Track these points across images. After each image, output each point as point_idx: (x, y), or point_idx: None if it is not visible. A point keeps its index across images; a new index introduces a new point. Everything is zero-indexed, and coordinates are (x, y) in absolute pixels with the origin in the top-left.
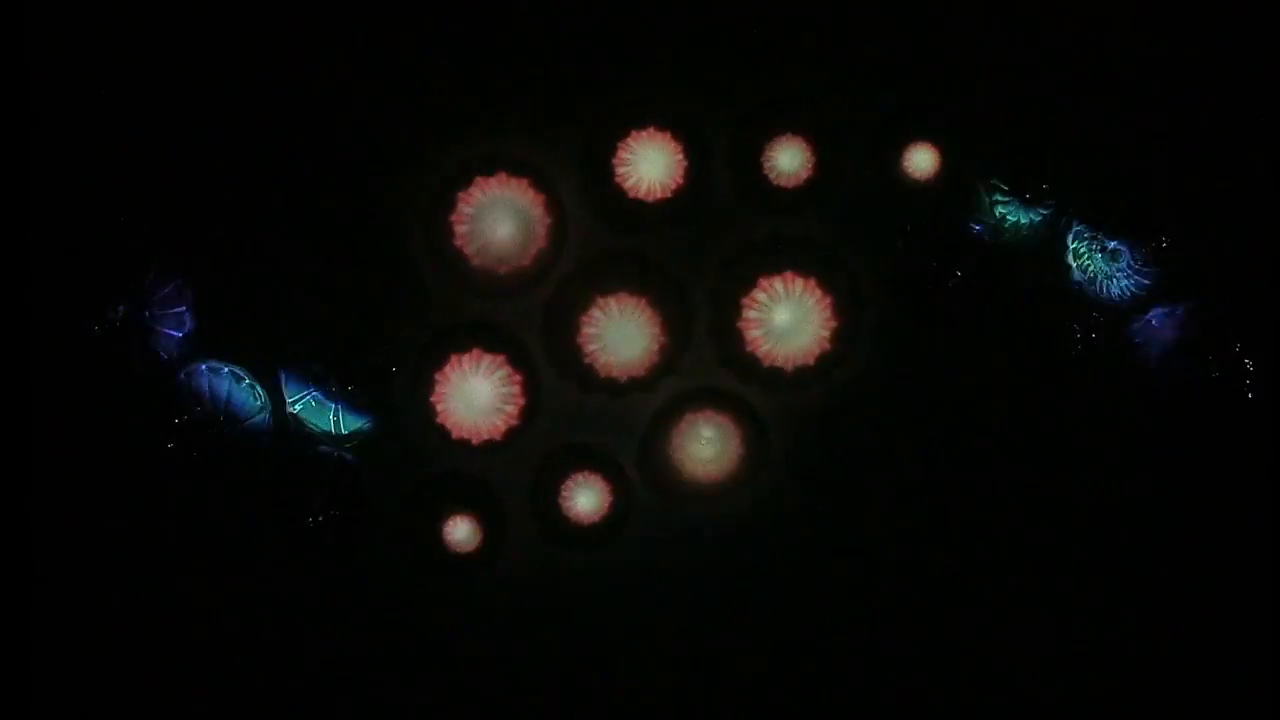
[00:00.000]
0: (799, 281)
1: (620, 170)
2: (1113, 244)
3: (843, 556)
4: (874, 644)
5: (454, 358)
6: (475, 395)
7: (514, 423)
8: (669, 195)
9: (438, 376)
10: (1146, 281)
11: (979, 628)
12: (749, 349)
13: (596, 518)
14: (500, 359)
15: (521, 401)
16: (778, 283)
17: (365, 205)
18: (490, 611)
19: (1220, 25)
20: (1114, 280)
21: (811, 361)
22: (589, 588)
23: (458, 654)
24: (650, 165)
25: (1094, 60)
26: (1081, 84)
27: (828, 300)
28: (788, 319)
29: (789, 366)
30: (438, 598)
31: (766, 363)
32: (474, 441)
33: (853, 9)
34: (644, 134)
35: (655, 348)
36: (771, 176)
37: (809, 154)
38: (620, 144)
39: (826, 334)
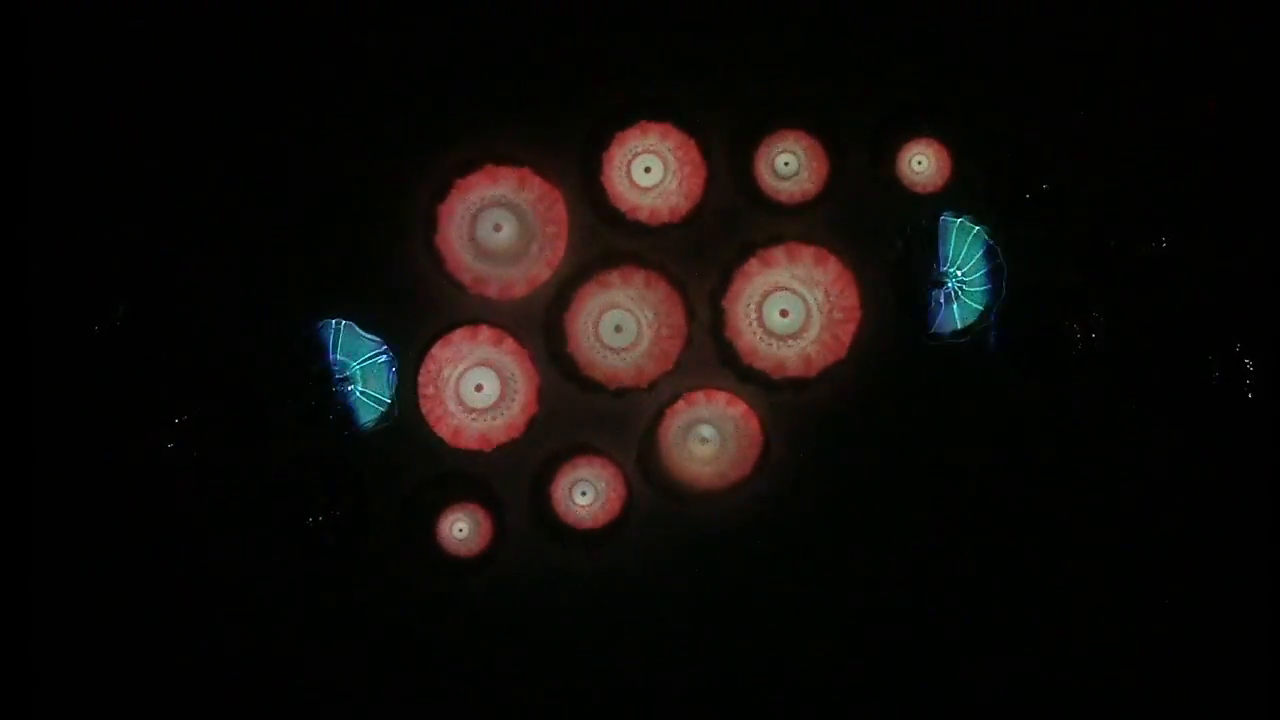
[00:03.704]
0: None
1: (618, 164)
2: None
3: (842, 555)
4: (873, 643)
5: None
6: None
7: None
8: (677, 219)
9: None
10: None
11: (979, 626)
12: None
13: (596, 517)
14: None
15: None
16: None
17: (365, 205)
18: (490, 612)
19: (1220, 26)
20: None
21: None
22: (589, 587)
23: (458, 654)
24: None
25: (1093, 61)
26: (1081, 85)
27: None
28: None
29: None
30: (437, 598)
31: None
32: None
33: (853, 9)
34: (649, 137)
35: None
36: (770, 180)
37: (808, 157)
38: (625, 154)
39: (842, 343)
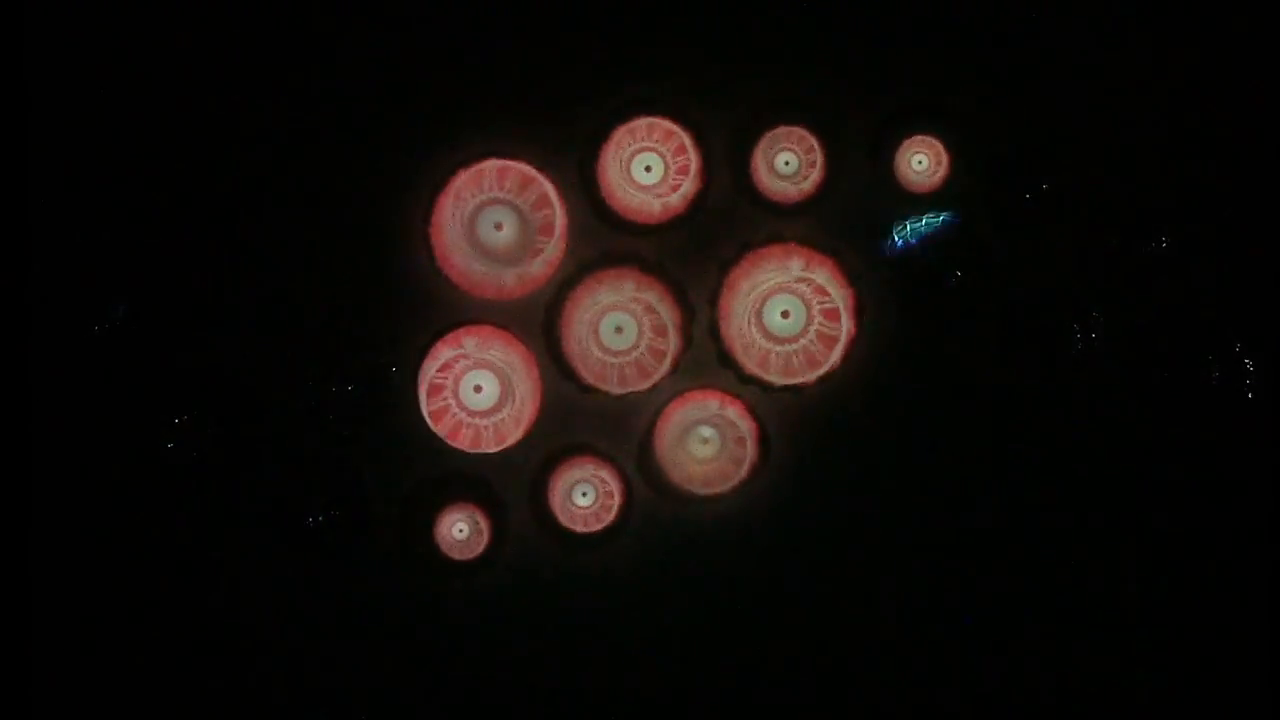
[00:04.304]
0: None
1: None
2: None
3: (841, 555)
4: (874, 642)
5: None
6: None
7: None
8: (671, 215)
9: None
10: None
11: (978, 627)
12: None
13: (596, 517)
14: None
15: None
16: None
17: (365, 205)
18: (490, 612)
19: (1220, 26)
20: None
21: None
22: (589, 588)
23: (458, 654)
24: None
25: (1093, 61)
26: (1081, 84)
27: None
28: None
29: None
30: (438, 598)
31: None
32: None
33: (853, 9)
34: (646, 137)
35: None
36: (770, 178)
37: (809, 156)
38: (625, 153)
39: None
